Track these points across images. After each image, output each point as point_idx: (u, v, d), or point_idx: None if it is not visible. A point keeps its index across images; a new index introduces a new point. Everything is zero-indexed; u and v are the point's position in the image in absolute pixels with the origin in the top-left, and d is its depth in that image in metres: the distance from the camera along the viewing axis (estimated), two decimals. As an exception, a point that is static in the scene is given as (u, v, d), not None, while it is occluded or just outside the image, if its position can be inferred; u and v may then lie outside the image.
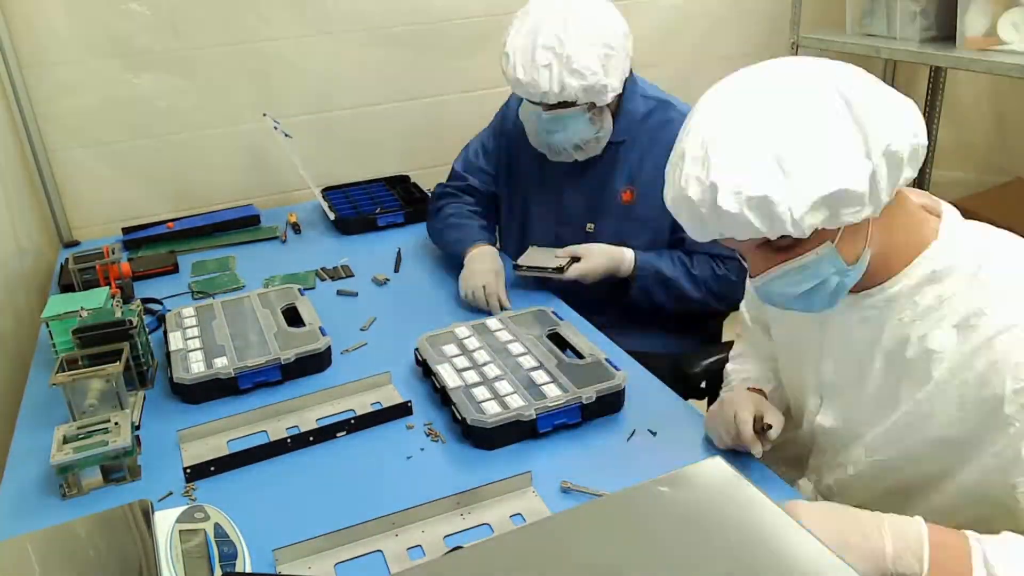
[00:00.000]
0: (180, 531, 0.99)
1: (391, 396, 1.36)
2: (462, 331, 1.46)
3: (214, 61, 2.19)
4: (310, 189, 2.15)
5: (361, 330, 1.58)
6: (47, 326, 1.45)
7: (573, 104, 1.58)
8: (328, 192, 2.29)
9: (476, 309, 1.64)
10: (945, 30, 2.20)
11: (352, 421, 1.27)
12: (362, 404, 1.34)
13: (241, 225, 2.16)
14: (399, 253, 1.95)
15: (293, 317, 1.55)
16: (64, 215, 2.16)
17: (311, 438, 1.25)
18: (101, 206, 2.21)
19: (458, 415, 1.23)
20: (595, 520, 0.71)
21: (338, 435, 1.27)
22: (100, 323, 1.35)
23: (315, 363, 1.44)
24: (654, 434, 1.24)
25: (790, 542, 0.66)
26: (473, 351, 1.39)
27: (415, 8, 2.34)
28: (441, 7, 2.36)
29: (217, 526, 1.01)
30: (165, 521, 1.00)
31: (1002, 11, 2.04)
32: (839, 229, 0.92)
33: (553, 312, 1.53)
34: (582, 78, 1.52)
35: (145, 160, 2.22)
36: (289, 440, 1.23)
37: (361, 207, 2.19)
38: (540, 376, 1.31)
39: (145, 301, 1.68)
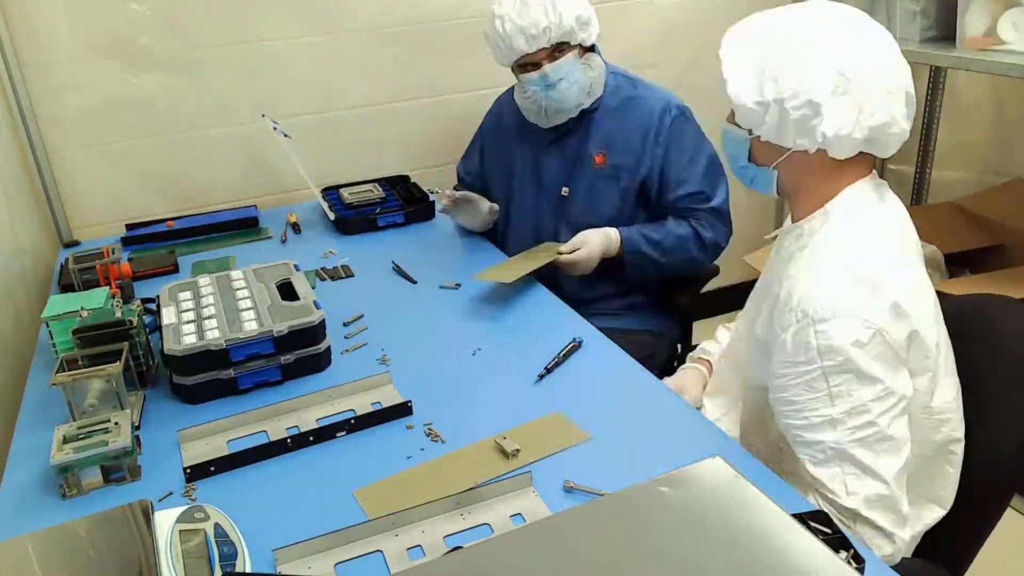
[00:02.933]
0: (180, 531, 0.99)
1: (391, 396, 1.36)
2: (203, 280, 1.59)
3: (214, 61, 2.19)
4: (310, 189, 2.15)
5: (344, 324, 1.61)
6: (47, 326, 1.45)
7: (566, 47, 1.76)
8: (328, 192, 2.29)
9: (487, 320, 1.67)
10: (945, 30, 2.20)
11: (352, 421, 1.27)
12: (362, 404, 1.34)
13: (240, 226, 2.16)
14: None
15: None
16: (64, 215, 2.16)
17: (311, 438, 1.25)
18: (101, 206, 2.21)
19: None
20: (595, 520, 0.71)
21: (338, 435, 1.27)
22: (100, 323, 1.35)
23: (315, 363, 1.44)
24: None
25: (790, 542, 0.66)
26: (203, 296, 1.52)
27: (415, 8, 2.34)
28: (441, 7, 2.36)
29: (217, 526, 1.01)
30: (165, 521, 1.00)
31: (1002, 11, 2.04)
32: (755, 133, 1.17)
33: (295, 265, 1.63)
34: (570, 6, 1.73)
35: (145, 160, 2.22)
36: (289, 440, 1.23)
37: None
38: (247, 315, 1.43)
39: (145, 301, 1.68)
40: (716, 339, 1.55)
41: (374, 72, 2.36)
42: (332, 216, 2.13)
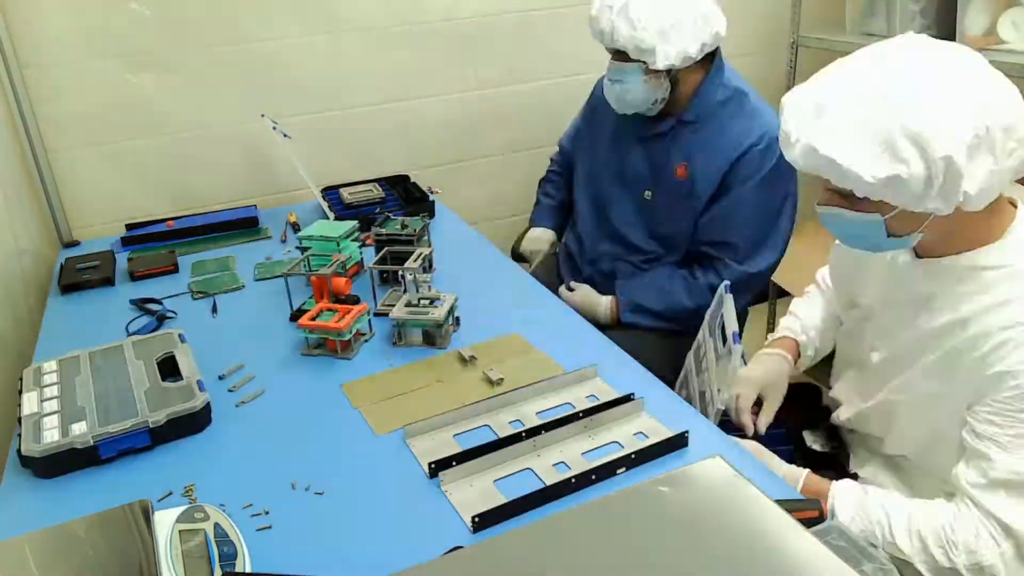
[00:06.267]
0: (180, 531, 0.99)
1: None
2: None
3: (214, 61, 2.19)
4: (310, 189, 2.15)
5: (220, 378, 1.42)
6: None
7: (627, 58, 1.73)
8: (328, 192, 2.29)
9: None
10: (945, 29, 2.20)
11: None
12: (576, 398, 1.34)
13: (240, 226, 2.16)
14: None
15: (172, 368, 1.36)
16: (64, 215, 2.16)
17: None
18: (101, 206, 2.21)
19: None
20: (595, 520, 0.71)
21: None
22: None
23: (190, 424, 1.26)
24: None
25: (790, 542, 0.66)
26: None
27: (415, 8, 2.34)
28: (441, 7, 2.36)
29: (217, 526, 1.01)
30: (165, 521, 1.00)
31: (1002, 10, 2.04)
32: (895, 207, 1.06)
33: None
34: (632, 27, 1.67)
35: (145, 160, 2.21)
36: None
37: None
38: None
39: (145, 301, 1.68)
40: (794, 313, 1.58)
41: (374, 72, 2.36)
42: (332, 216, 2.13)
